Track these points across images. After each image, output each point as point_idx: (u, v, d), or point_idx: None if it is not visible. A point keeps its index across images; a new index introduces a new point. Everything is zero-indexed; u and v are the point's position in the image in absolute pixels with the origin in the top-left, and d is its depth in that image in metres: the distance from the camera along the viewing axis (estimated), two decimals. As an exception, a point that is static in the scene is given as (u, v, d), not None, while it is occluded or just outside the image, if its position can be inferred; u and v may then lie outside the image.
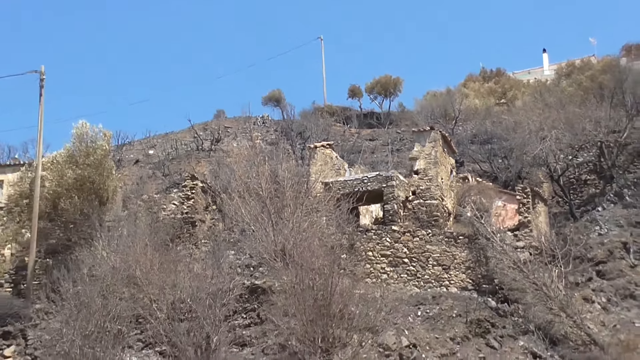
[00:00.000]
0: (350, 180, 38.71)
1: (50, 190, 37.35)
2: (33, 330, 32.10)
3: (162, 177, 46.41)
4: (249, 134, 51.34)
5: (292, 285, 28.40)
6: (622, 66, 51.83)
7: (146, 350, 30.48)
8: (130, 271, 28.76)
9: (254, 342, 30.31)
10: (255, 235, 32.42)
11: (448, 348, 30.88)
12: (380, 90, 64.47)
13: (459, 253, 35.40)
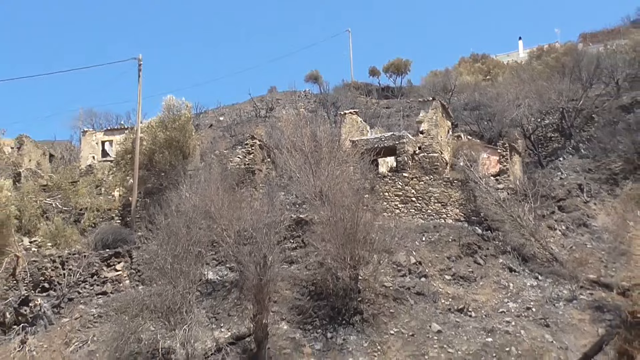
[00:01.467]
0: (371, 139, 39.15)
1: (146, 148, 38.01)
2: (136, 251, 32.68)
3: (229, 137, 46.87)
4: (294, 104, 51.74)
5: (327, 218, 29.13)
6: (579, 50, 51.80)
7: (219, 267, 31.07)
8: (206, 208, 29.15)
9: (299, 261, 30.97)
10: (299, 181, 33.08)
11: (445, 264, 31.54)
12: (394, 69, 64.44)
13: (454, 193, 35.87)
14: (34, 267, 33.21)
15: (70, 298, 31.97)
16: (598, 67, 46.17)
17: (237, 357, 26.42)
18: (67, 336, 29.81)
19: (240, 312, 28.46)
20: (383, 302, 28.38)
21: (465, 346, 26.23)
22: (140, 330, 26.50)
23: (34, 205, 40.09)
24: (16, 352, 29.12)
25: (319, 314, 28.06)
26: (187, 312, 26.39)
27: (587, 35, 60.26)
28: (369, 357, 25.92)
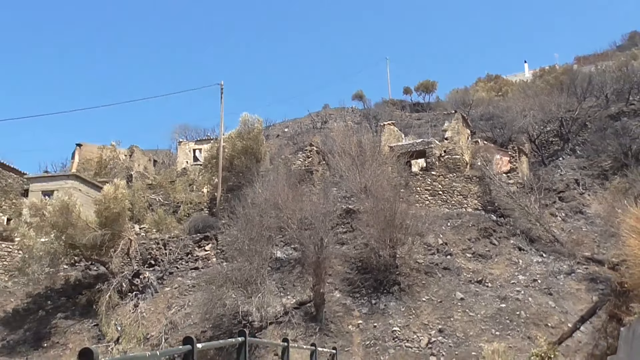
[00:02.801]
0: (405, 144, 39.08)
1: (228, 154, 38.24)
2: (221, 235, 33.12)
3: (292, 145, 47.21)
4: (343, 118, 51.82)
5: (371, 208, 29.15)
6: (574, 70, 51.11)
7: (285, 247, 31.17)
8: (275, 200, 29.31)
9: (349, 242, 31.01)
10: (348, 179, 33.15)
11: (466, 245, 31.26)
12: (423, 89, 64.04)
13: (473, 187, 35.52)
14: (143, 247, 33.93)
15: (171, 272, 32.60)
16: (590, 84, 45.56)
17: (301, 319, 26.63)
18: (168, 301, 30.40)
19: (302, 283, 28.69)
20: (416, 275, 28.31)
21: (483, 310, 26.06)
22: (225, 297, 26.91)
23: (142, 200, 40.99)
24: (131, 313, 29.82)
25: (365, 284, 28.14)
26: (260, 283, 26.70)
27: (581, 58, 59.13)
28: (406, 319, 25.90)
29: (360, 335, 25.40)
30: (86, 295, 31.21)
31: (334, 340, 24.58)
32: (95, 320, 29.87)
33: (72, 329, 30.10)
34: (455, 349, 23.95)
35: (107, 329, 29.05)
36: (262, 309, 26.10)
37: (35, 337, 30.07)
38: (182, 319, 28.52)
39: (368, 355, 24.32)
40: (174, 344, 25.76)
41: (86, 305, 30.85)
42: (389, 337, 24.99)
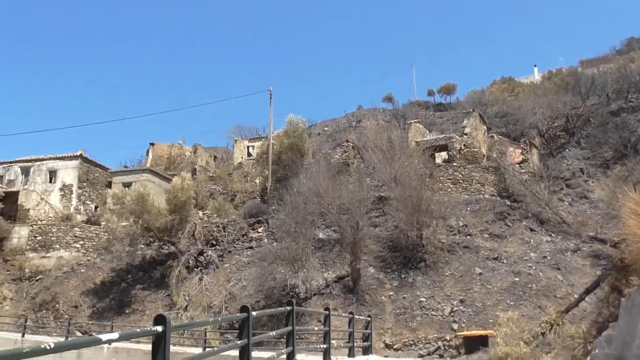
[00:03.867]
0: (429, 140, 38.56)
1: (276, 150, 38.46)
2: (271, 219, 33.35)
3: (331, 141, 47.08)
4: (375, 118, 51.35)
5: (400, 195, 28.93)
6: (579, 72, 49.69)
7: (326, 229, 31.14)
8: (317, 189, 29.24)
9: (381, 225, 30.84)
10: (379, 170, 32.92)
11: (484, 226, 30.78)
12: (445, 91, 63.05)
13: (489, 176, 34.92)
14: (205, 230, 34.42)
15: (229, 251, 32.97)
16: (593, 84, 44.30)
17: (340, 291, 26.68)
18: (227, 276, 30.77)
19: (341, 260, 28.71)
20: (440, 253, 28.07)
21: (499, 283, 25.70)
22: (275, 272, 27.14)
23: (205, 190, 41.57)
24: (196, 286, 30.30)
25: (395, 261, 28.03)
26: (305, 260, 26.83)
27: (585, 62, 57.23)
28: (431, 291, 25.72)
29: (392, 305, 25.34)
30: (159, 270, 31.88)
31: (369, 309, 24.56)
32: (167, 291, 30.47)
33: (148, 298, 30.77)
34: (475, 316, 23.71)
35: (177, 298, 29.61)
36: (307, 282, 26.22)
37: (119, 304, 30.85)
38: (240, 291, 28.85)
39: (398, 322, 24.26)
40: (233, 312, 26.09)
41: (160, 279, 31.50)
42: (416, 306, 24.87)
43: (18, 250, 37.29)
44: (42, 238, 37.63)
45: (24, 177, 42.27)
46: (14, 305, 33.53)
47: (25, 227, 38.47)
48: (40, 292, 33.40)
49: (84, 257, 36.46)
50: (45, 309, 32.24)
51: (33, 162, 42.52)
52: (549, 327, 16.55)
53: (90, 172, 43.05)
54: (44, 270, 35.48)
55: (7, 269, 36.18)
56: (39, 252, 36.96)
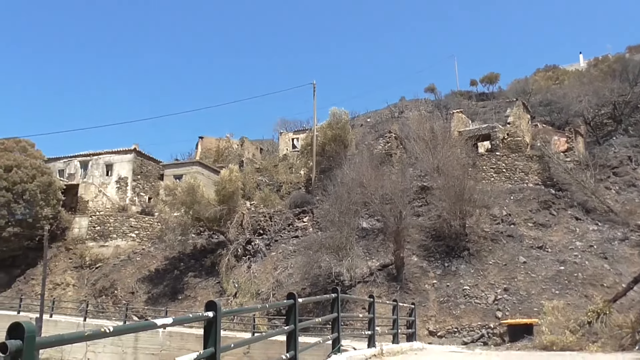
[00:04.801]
0: (472, 129, 37.88)
1: (320, 142, 38.42)
2: (316, 209, 33.38)
3: (374, 132, 46.75)
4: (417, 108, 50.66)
5: (442, 185, 28.54)
6: (626, 58, 47.58)
7: (370, 219, 31.02)
8: (360, 180, 29.11)
9: (424, 214, 30.45)
10: (422, 160, 32.56)
11: (528, 215, 30.02)
12: (487, 80, 61.67)
13: (533, 165, 33.94)
14: (253, 220, 34.84)
15: (276, 240, 33.29)
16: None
17: (384, 279, 26.61)
18: (274, 264, 31.11)
19: (384, 249, 28.61)
20: (483, 242, 27.60)
21: (543, 272, 25.08)
22: (320, 261, 27.25)
23: (252, 181, 42.07)
24: (245, 273, 30.78)
25: (439, 250, 27.73)
26: (349, 248, 26.84)
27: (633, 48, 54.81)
28: (475, 279, 25.35)
29: (435, 293, 25.11)
30: (210, 258, 32.53)
31: (413, 297, 24.42)
32: (217, 278, 31.06)
33: (199, 285, 31.45)
34: (519, 305, 23.24)
35: (227, 285, 30.15)
36: (351, 270, 26.25)
37: (172, 291, 31.65)
38: (286, 278, 29.14)
39: (442, 310, 24.03)
40: (280, 299, 26.38)
41: (210, 267, 32.15)
42: (460, 294, 24.57)
43: (79, 239, 38.77)
44: (101, 228, 38.97)
45: (83, 171, 43.80)
46: (76, 291, 34.92)
47: (85, 218, 39.94)
48: (100, 279, 34.66)
49: (139, 246, 37.57)
50: (105, 294, 33.44)
51: (91, 156, 44.00)
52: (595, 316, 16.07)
53: (143, 165, 44.22)
54: (103, 258, 36.77)
55: (69, 257, 37.69)
56: (98, 241, 38.32)
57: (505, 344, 19.55)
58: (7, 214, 35.03)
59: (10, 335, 3.10)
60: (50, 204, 37.30)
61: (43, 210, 36.46)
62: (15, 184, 35.48)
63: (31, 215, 35.91)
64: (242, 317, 26.39)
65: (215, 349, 5.24)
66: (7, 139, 39.41)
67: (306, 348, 9.09)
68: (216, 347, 5.25)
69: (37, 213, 36.08)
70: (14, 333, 3.11)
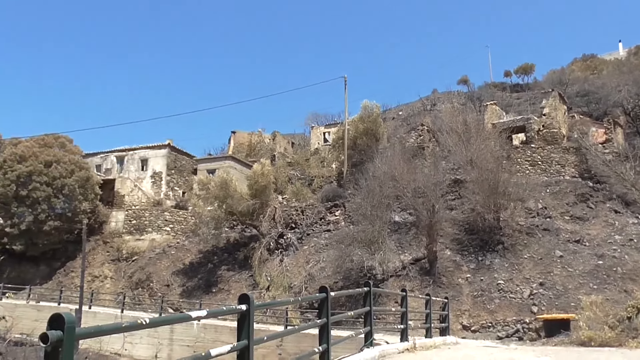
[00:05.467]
0: (506, 121, 37.22)
1: (352, 135, 38.28)
2: (348, 203, 33.34)
3: (406, 125, 46.37)
4: (450, 101, 50.08)
5: (476, 178, 28.17)
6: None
7: (402, 212, 30.85)
8: (392, 173, 28.98)
9: (457, 207, 30.08)
10: (455, 153, 32.18)
11: (565, 208, 29.43)
12: (522, 71, 60.48)
13: (570, 157, 33.20)
14: (285, 214, 35.01)
15: (308, 233, 33.41)
16: (685, 58, 40.90)
17: (416, 273, 26.45)
18: (307, 257, 31.24)
19: (417, 243, 28.44)
20: (518, 235, 27.15)
21: (581, 267, 24.54)
22: (352, 254, 27.24)
23: (284, 175, 42.30)
24: (277, 267, 31.01)
25: (472, 244, 27.42)
26: (381, 242, 26.75)
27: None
28: (509, 273, 24.98)
29: (469, 287, 24.83)
30: (243, 252, 32.85)
31: (446, 291, 24.21)
32: (250, 271, 31.36)
33: (233, 278, 31.81)
34: (555, 300, 22.80)
35: (260, 278, 30.42)
36: (384, 264, 26.17)
37: (206, 284, 32.10)
38: (318, 272, 29.23)
39: (476, 304, 23.76)
40: (312, 292, 26.48)
41: (243, 260, 32.47)
42: (494, 289, 24.24)
43: (115, 233, 39.68)
44: (136, 222, 39.77)
45: (119, 166, 44.76)
46: (113, 283, 35.77)
47: (122, 212, 40.83)
48: (136, 272, 35.39)
49: (173, 240, 38.20)
50: (141, 287, 34.15)
51: (127, 151, 44.90)
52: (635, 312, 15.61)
53: (177, 160, 44.91)
54: (139, 251, 37.53)
55: (106, 250, 38.61)
56: (134, 235, 39.13)
57: (541, 339, 19.20)
58: (48, 208, 36.07)
59: (51, 326, 3.19)
60: (88, 199, 38.23)
61: (81, 204, 37.40)
62: (55, 179, 36.49)
63: (70, 209, 36.89)
64: (275, 310, 26.61)
65: (248, 342, 5.29)
66: (47, 135, 40.47)
67: (339, 341, 9.10)
68: (249, 340, 5.30)
69: (76, 207, 37.03)
70: (55, 324, 3.20)
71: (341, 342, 9.47)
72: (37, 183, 35.90)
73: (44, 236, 36.38)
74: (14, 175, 35.90)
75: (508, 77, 62.49)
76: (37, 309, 28.22)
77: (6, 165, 36.49)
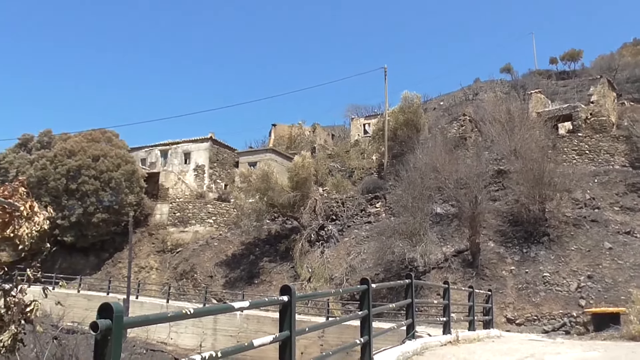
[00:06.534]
0: (552, 110, 36.17)
1: (392, 126, 38.03)
2: (388, 195, 33.21)
3: (447, 116, 45.66)
4: (493, 90, 48.99)
5: (520, 168, 27.56)
6: None
7: (444, 204, 30.50)
8: (434, 164, 28.56)
9: (500, 199, 29.52)
10: (498, 143, 31.53)
11: (614, 199, 28.43)
12: (569, 58, 58.42)
13: (620, 146, 32.03)
14: (325, 205, 35.13)
15: (348, 225, 33.44)
16: None
17: (459, 265, 26.13)
18: (347, 249, 31.28)
19: (459, 235, 28.08)
20: (565, 227, 26.40)
21: (632, 259, 23.69)
22: (393, 246, 27.13)
23: (324, 167, 42.38)
24: (318, 258, 31.16)
25: (516, 235, 26.86)
26: (423, 234, 26.51)
27: None
28: (555, 266, 24.36)
29: (513, 280, 24.36)
30: (284, 243, 33.14)
31: (489, 283, 23.81)
32: (292, 263, 31.63)
33: (274, 270, 32.16)
34: (604, 293, 22.11)
35: (301, 270, 30.65)
36: (425, 256, 25.96)
37: (248, 275, 32.57)
38: (359, 264, 29.23)
39: (521, 297, 23.30)
40: (353, 284, 26.51)
41: (284, 252, 32.76)
42: (539, 281, 23.71)
43: (160, 225, 40.66)
44: (180, 214, 40.65)
45: (163, 159, 45.78)
46: (159, 274, 36.71)
47: (166, 205, 41.79)
48: (180, 263, 36.21)
49: (216, 232, 38.88)
50: (185, 278, 34.94)
51: (170, 145, 45.87)
52: (690, 306, 15.03)
53: (219, 153, 45.62)
54: (183, 243, 38.38)
55: (152, 242, 39.63)
56: (178, 227, 40.02)
57: (589, 333, 18.69)
58: (96, 201, 37.26)
59: (100, 315, 3.30)
60: (134, 192, 39.29)
61: (127, 197, 38.47)
62: (102, 173, 37.64)
63: (117, 202, 38.01)
64: (316, 301, 26.77)
65: (290, 332, 5.34)
66: (94, 130, 41.74)
67: (380, 333, 9.09)
68: (291, 331, 5.35)
69: (122, 200, 38.12)
70: (104, 313, 3.31)
71: (382, 334, 9.45)
72: (86, 177, 37.11)
73: (93, 228, 37.60)
74: (64, 170, 37.22)
75: (554, 64, 60.51)
76: (88, 298, 29.23)
77: (57, 159, 37.84)
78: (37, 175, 36.98)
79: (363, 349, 7.51)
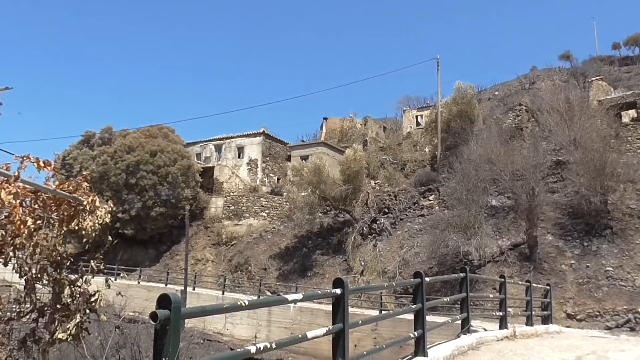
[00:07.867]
0: (615, 97, 34.58)
1: (445, 118, 37.21)
2: (442, 187, 32.63)
3: (503, 106, 44.48)
4: (551, 78, 47.33)
5: (580, 159, 26.51)
6: None
7: (499, 196, 29.75)
8: (488, 156, 27.88)
9: (559, 190, 28.54)
10: (557, 133, 30.45)
11: (682, 189, 27.06)
12: (633, 42, 55.80)
13: (690, 134, 30.40)
14: (377, 199, 34.96)
15: (401, 218, 33.14)
16: None
17: (515, 258, 25.47)
18: (400, 242, 31.03)
19: (516, 228, 27.36)
20: (629, 219, 25.21)
21: (702, 253, 22.42)
22: (447, 240, 26.73)
23: (376, 160, 42.16)
24: (371, 252, 31.08)
25: (576, 228, 25.89)
26: (478, 227, 26.04)
27: None
28: (619, 260, 23.34)
29: (573, 274, 23.53)
30: (336, 237, 33.23)
31: (547, 278, 23.09)
32: (344, 256, 31.68)
33: (327, 262, 32.30)
34: (673, 289, 21.04)
35: (353, 263, 30.65)
36: (480, 249, 25.45)
37: (301, 268, 32.85)
38: (412, 257, 28.96)
39: (581, 292, 22.48)
40: (406, 277, 26.32)
41: (337, 245, 32.85)
42: (601, 276, 22.79)
43: (215, 218, 41.57)
44: (234, 208, 41.42)
45: (217, 154, 46.74)
46: (214, 266, 37.57)
47: (221, 198, 42.68)
48: (235, 256, 36.92)
49: (269, 225, 39.40)
50: (240, 270, 35.61)
51: (224, 140, 46.77)
52: None
53: (271, 147, 46.13)
54: (237, 236, 39.11)
55: (207, 235, 40.59)
56: (232, 220, 40.80)
57: (656, 330, 17.87)
58: (154, 195, 38.49)
59: (159, 305, 3.42)
60: (189, 186, 40.32)
61: (184, 191, 39.54)
62: (160, 168, 38.81)
63: (174, 196, 39.13)
64: (370, 294, 26.74)
65: (343, 325, 5.36)
66: (152, 126, 43.04)
67: (434, 327, 8.99)
68: (344, 323, 5.37)
69: (179, 194, 39.21)
70: (163, 304, 3.42)
71: (437, 328, 9.35)
72: (144, 172, 38.37)
73: (151, 221, 38.85)
74: (124, 165, 38.61)
75: (616, 50, 57.92)
76: (147, 289, 30.25)
77: (117, 155, 39.28)
78: (99, 170, 38.50)
79: (417, 343, 7.45)
